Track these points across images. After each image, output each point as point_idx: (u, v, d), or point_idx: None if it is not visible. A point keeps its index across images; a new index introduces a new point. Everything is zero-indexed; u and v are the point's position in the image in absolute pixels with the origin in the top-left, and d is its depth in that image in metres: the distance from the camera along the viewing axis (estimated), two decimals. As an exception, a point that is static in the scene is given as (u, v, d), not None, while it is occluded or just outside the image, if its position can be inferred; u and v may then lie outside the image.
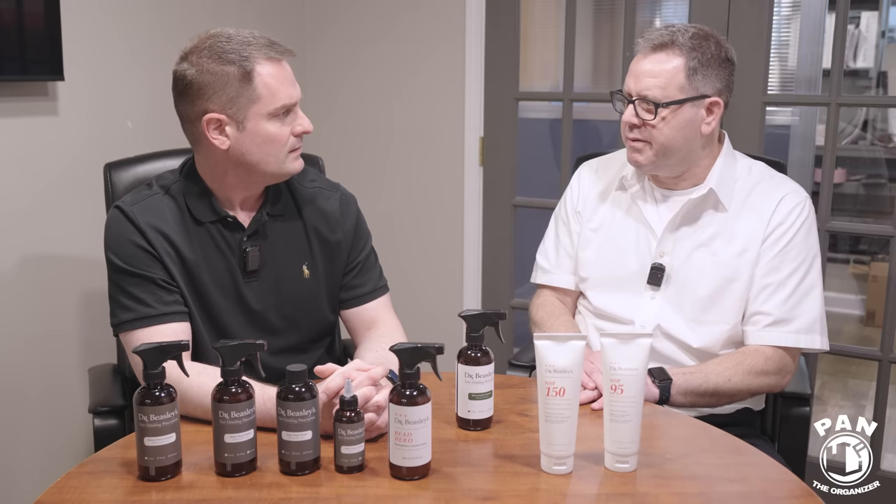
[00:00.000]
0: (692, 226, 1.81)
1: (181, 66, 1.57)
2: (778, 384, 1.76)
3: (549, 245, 2.01)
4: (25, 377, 2.24)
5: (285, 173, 1.63)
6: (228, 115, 1.54)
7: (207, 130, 1.55)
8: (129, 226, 1.58)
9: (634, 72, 1.76)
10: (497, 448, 1.41)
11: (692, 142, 1.76)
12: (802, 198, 1.80)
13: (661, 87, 1.71)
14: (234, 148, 1.57)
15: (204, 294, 1.63)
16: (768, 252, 1.76)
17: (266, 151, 1.57)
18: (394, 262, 3.12)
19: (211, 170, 1.62)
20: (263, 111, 1.55)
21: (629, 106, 1.76)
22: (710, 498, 1.27)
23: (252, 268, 1.65)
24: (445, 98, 2.98)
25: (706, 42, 1.73)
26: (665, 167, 1.79)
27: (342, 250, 1.75)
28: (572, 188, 1.99)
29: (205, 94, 1.54)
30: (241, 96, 1.54)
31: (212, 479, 1.28)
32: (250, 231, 1.65)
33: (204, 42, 1.56)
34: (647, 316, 1.81)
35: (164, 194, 1.63)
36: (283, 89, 1.56)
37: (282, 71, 1.57)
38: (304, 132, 1.61)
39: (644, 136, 1.75)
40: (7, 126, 2.13)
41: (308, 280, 1.71)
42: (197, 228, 1.63)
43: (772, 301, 1.75)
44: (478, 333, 1.46)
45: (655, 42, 1.73)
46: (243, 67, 1.53)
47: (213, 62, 1.53)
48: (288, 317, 1.71)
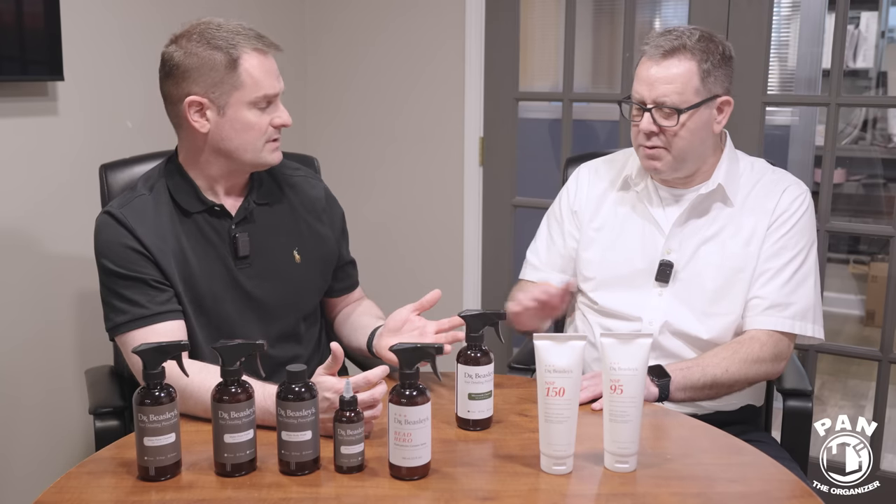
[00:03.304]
0: (699, 221, 1.82)
1: (170, 48, 1.60)
2: (774, 371, 1.77)
3: (540, 244, 2.01)
4: (22, 378, 2.23)
5: (263, 163, 1.65)
6: (210, 98, 1.57)
7: (188, 113, 1.58)
8: (120, 229, 1.59)
9: (646, 79, 1.74)
10: (497, 448, 1.41)
11: (706, 142, 1.78)
12: (803, 189, 1.84)
13: (679, 93, 1.71)
14: (213, 132, 1.59)
15: (199, 286, 1.63)
16: (770, 238, 1.79)
17: (244, 139, 1.60)
18: (393, 262, 3.12)
19: (192, 156, 1.65)
20: (245, 99, 1.58)
21: (645, 114, 1.74)
22: (710, 498, 1.27)
23: (243, 253, 1.66)
24: (445, 98, 2.98)
25: (712, 43, 1.74)
26: (681, 170, 1.80)
27: (331, 243, 1.80)
28: (569, 188, 1.98)
29: (190, 77, 1.57)
30: (225, 82, 1.56)
31: (211, 479, 1.28)
32: (238, 218, 1.67)
33: (195, 28, 1.60)
34: (654, 313, 1.81)
35: (150, 193, 1.64)
36: (266, 80, 1.59)
37: (267, 62, 1.61)
38: (282, 124, 1.64)
39: (663, 143, 1.75)
40: (7, 126, 2.13)
41: (300, 265, 1.74)
42: (185, 220, 1.64)
43: (769, 286, 1.77)
44: (477, 334, 1.46)
45: (666, 48, 1.72)
46: (230, 54, 1.56)
47: (200, 47, 1.57)
48: (284, 301, 1.72)
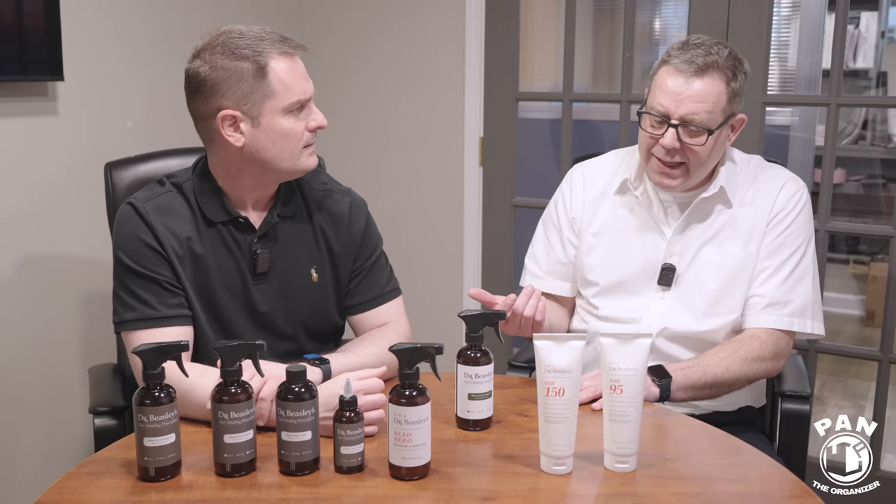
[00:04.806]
0: (700, 223, 1.81)
1: (193, 63, 1.55)
2: (774, 369, 1.77)
3: (538, 250, 1.97)
4: (26, 377, 2.24)
5: (300, 170, 1.61)
6: (243, 111, 1.53)
7: (222, 128, 1.54)
8: (140, 223, 1.56)
9: (675, 94, 1.68)
10: (497, 448, 1.41)
11: (717, 157, 1.78)
12: (801, 185, 1.83)
13: (709, 112, 1.68)
14: (249, 145, 1.55)
15: (211, 294, 1.62)
16: (769, 235, 1.78)
17: (281, 147, 1.56)
18: (394, 262, 3.11)
19: (224, 168, 1.61)
20: (278, 106, 1.54)
21: (669, 130, 1.70)
22: (709, 498, 1.27)
23: (261, 270, 1.64)
24: (445, 98, 2.98)
25: (739, 62, 1.72)
26: (691, 183, 1.79)
27: (349, 254, 1.73)
28: (563, 193, 1.95)
29: (219, 91, 1.52)
30: (256, 92, 1.52)
31: (211, 479, 1.28)
32: (261, 232, 1.64)
33: (216, 39, 1.55)
34: (653, 315, 1.81)
35: (177, 192, 1.62)
36: (297, 84, 1.55)
37: (295, 65, 1.57)
38: (318, 127, 1.60)
39: (682, 159, 1.73)
40: (7, 126, 2.13)
41: (316, 283, 1.70)
42: (208, 229, 1.61)
43: (768, 284, 1.77)
44: (477, 334, 1.46)
45: (699, 64, 1.67)
46: (257, 62, 1.51)
47: (226, 58, 1.52)
48: (295, 320, 1.70)
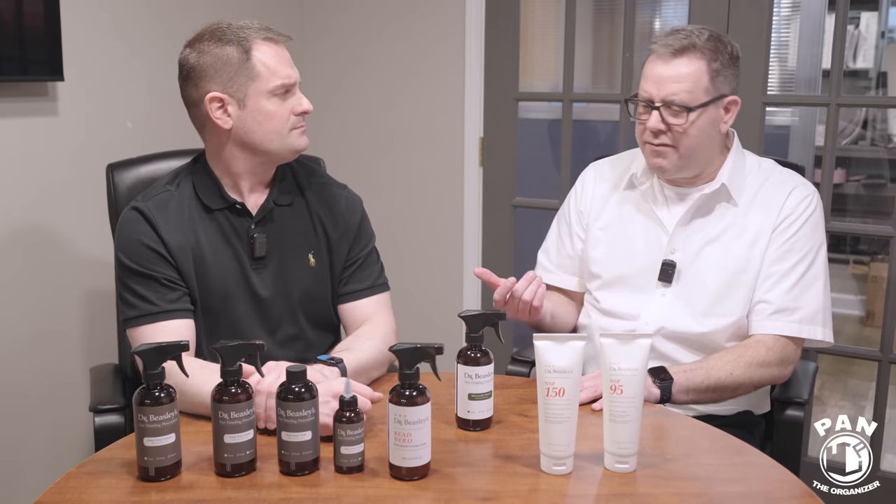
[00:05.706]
0: (704, 221, 1.81)
1: (184, 52, 1.64)
2: (780, 375, 1.76)
3: (550, 244, 2.02)
4: (27, 377, 2.24)
5: (291, 150, 1.66)
6: (229, 93, 1.60)
7: (210, 110, 1.61)
8: (142, 225, 1.62)
9: (655, 77, 1.74)
10: (497, 448, 1.41)
11: (713, 141, 1.78)
12: (811, 191, 1.82)
13: (689, 91, 1.71)
14: (237, 127, 1.62)
15: (212, 283, 1.66)
16: (776, 241, 1.77)
17: (268, 129, 1.62)
18: (394, 263, 3.11)
19: (217, 154, 1.67)
20: (263, 89, 1.60)
21: (653, 112, 1.74)
22: (710, 498, 1.27)
23: (259, 254, 1.68)
24: (445, 98, 2.98)
25: (721, 43, 1.74)
26: (687, 169, 1.79)
27: (344, 243, 1.77)
28: (576, 189, 1.99)
29: (206, 76, 1.60)
30: (241, 74, 1.59)
31: (211, 479, 1.28)
32: (258, 217, 1.68)
33: (206, 30, 1.64)
34: (652, 313, 1.81)
35: (175, 189, 1.68)
36: (281, 68, 1.62)
37: (279, 51, 1.63)
38: (304, 112, 1.65)
39: (670, 141, 1.74)
40: (7, 126, 2.13)
41: (314, 268, 1.74)
42: (206, 217, 1.67)
43: (776, 290, 1.76)
44: (477, 334, 1.46)
45: (675, 47, 1.72)
46: (242, 46, 1.60)
47: (213, 45, 1.60)
48: (294, 304, 1.73)
